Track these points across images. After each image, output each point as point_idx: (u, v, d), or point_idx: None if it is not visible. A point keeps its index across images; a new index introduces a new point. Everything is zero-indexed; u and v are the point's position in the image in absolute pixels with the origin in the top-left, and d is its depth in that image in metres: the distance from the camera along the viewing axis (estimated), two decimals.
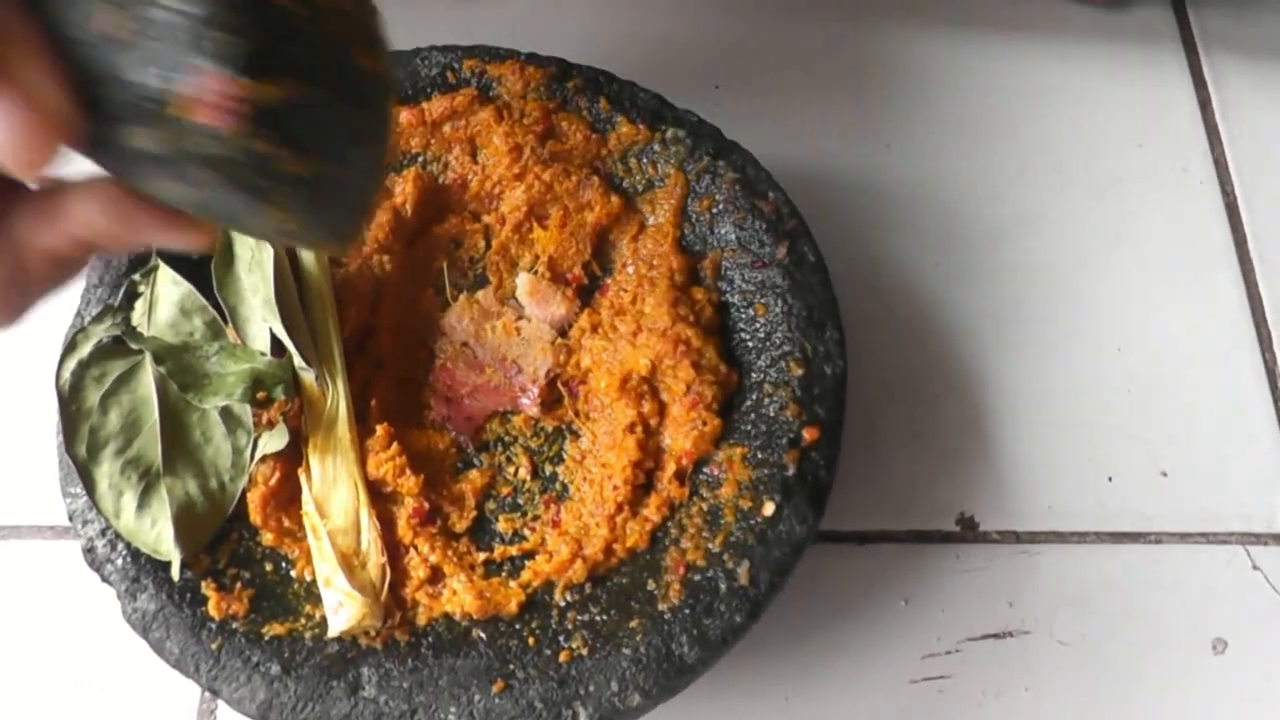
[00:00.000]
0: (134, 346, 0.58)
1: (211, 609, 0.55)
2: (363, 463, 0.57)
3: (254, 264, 0.60)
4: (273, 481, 0.57)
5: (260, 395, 0.56)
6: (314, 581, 0.56)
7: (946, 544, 0.64)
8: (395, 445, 0.57)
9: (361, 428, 0.58)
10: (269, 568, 0.57)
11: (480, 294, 0.63)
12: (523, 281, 0.63)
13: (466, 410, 0.61)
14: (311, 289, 0.60)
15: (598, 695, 0.52)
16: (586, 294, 0.63)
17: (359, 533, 0.56)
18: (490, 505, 0.59)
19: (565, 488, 0.59)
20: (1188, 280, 0.71)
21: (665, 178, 0.63)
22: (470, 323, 0.62)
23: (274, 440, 0.57)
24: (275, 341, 0.58)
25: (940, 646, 0.61)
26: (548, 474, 0.60)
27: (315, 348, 0.59)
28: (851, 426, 0.62)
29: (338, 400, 0.58)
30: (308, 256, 0.60)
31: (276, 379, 0.57)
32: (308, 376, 0.58)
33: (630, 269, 0.63)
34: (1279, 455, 0.66)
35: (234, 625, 0.55)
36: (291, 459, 0.58)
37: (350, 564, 0.55)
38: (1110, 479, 0.65)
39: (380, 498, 0.58)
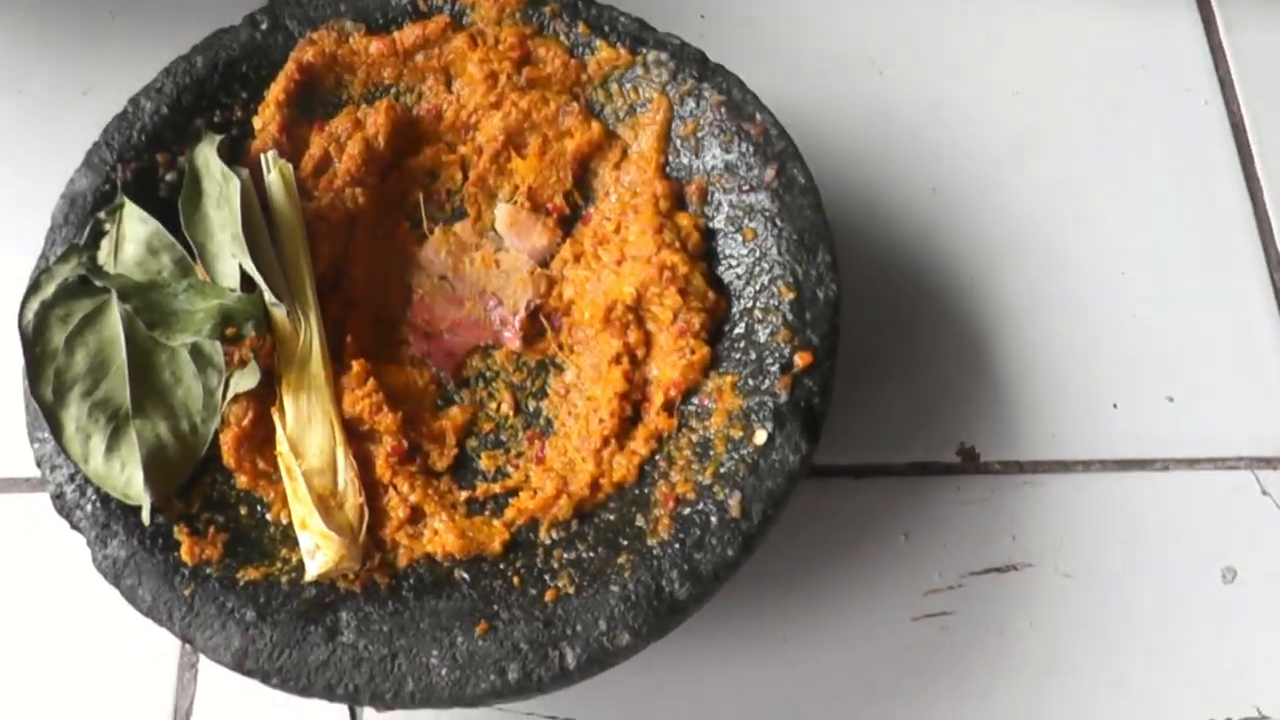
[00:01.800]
0: (99, 284, 0.55)
1: (184, 554, 0.52)
2: (338, 400, 0.55)
3: (222, 199, 0.57)
4: (246, 422, 0.54)
5: (230, 331, 0.54)
6: (290, 524, 0.53)
7: (947, 476, 0.61)
8: (371, 382, 0.55)
9: (336, 365, 0.56)
10: (243, 511, 0.54)
11: (458, 226, 0.60)
12: (502, 212, 0.60)
13: (446, 346, 0.58)
14: (282, 224, 0.57)
15: (585, 635, 0.50)
16: (568, 224, 0.60)
17: (335, 472, 0.54)
18: (472, 442, 0.57)
19: (549, 423, 0.57)
20: (1193, 201, 0.68)
21: (648, 102, 0.60)
22: (447, 256, 0.59)
23: (245, 379, 0.54)
24: (245, 278, 0.55)
25: (942, 582, 0.59)
26: (531, 409, 0.57)
27: (287, 282, 0.56)
28: (847, 357, 0.60)
29: (311, 336, 0.55)
30: (277, 191, 0.57)
31: (246, 314, 0.54)
32: (279, 312, 0.55)
33: (613, 197, 0.60)
34: None
35: (208, 571, 0.52)
36: (265, 399, 0.55)
37: (327, 505, 0.53)
38: (1115, 405, 0.62)
39: (357, 436, 0.55)
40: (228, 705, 0.57)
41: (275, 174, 0.57)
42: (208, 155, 0.58)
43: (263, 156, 0.58)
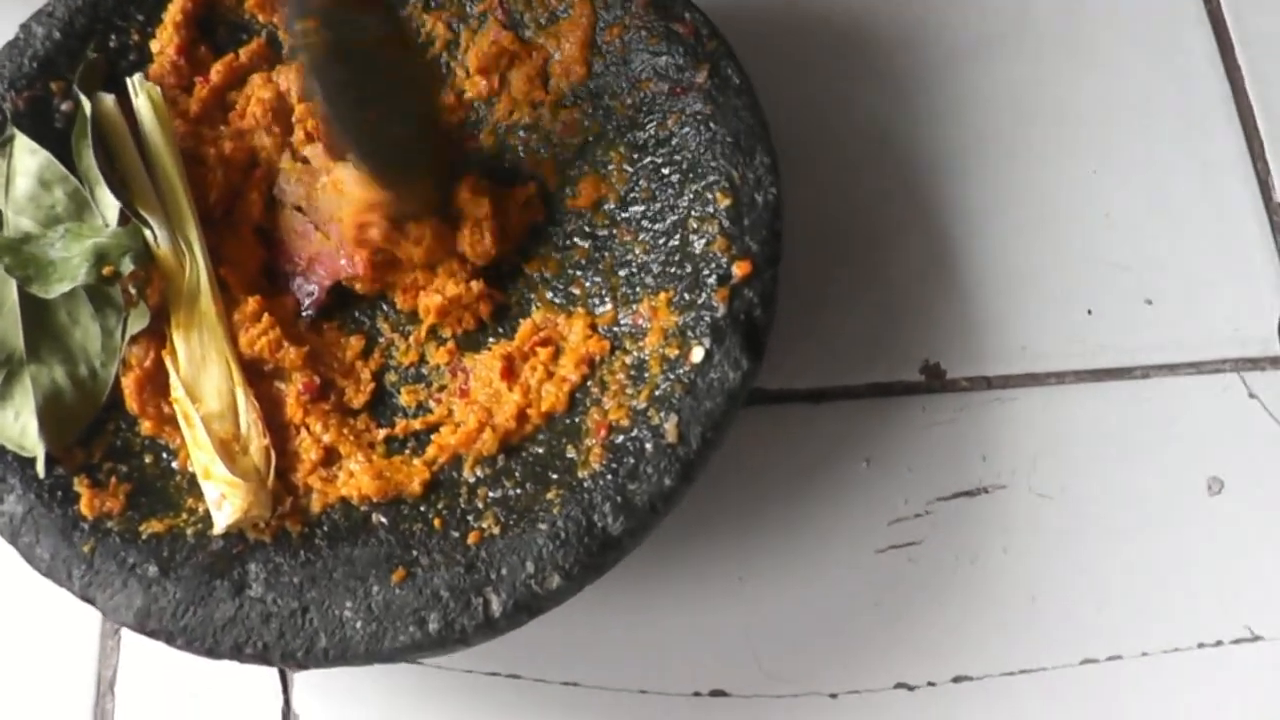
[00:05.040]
0: None
1: (84, 507, 0.47)
2: (233, 337, 0.49)
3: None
4: (148, 364, 0.49)
5: (107, 270, 0.48)
6: None
7: (911, 396, 0.55)
8: (267, 317, 0.49)
9: (230, 298, 0.50)
10: (149, 460, 0.49)
11: (308, 150, 0.53)
12: None
13: (309, 285, 0.52)
14: (154, 152, 0.51)
15: (511, 579, 0.44)
16: None
17: (236, 415, 0.48)
18: (391, 377, 0.51)
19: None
20: (1168, 92, 0.61)
21: (570, 7, 0.54)
22: (298, 184, 0.52)
23: (136, 319, 0.49)
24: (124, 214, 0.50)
25: (908, 510, 0.53)
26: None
27: (165, 214, 0.50)
28: (799, 273, 0.55)
29: (198, 271, 0.49)
30: (147, 117, 0.51)
31: (122, 249, 0.48)
32: (163, 247, 0.49)
33: None
34: (1275, 270, 0.57)
35: (109, 524, 0.47)
36: (165, 338, 0.49)
37: (230, 450, 0.47)
38: (1090, 312, 0.56)
39: (263, 376, 0.49)
40: (153, 673, 0.51)
41: (143, 99, 0.51)
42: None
43: (129, 81, 0.52)
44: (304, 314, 0.51)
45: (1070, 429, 0.54)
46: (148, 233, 0.49)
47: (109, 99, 0.51)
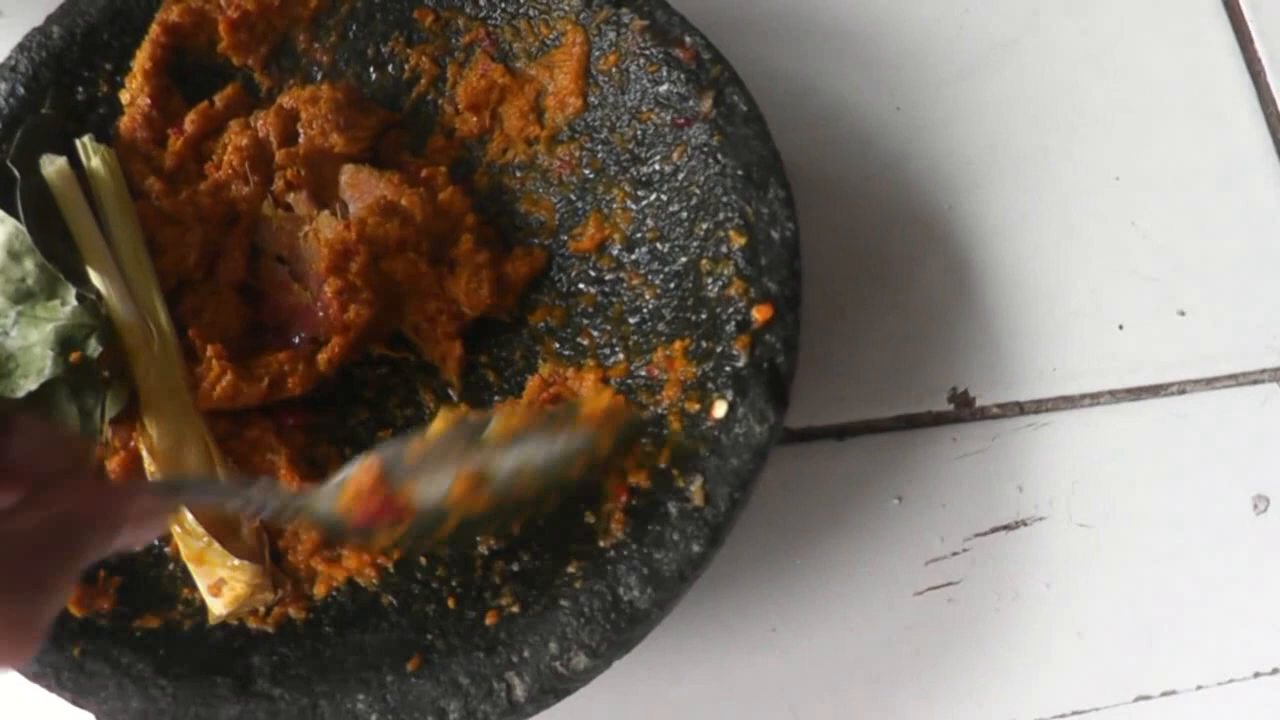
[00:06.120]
0: None
1: (72, 606, 0.43)
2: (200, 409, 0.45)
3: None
4: (132, 444, 0.45)
5: (74, 357, 0.43)
6: None
7: (940, 426, 0.51)
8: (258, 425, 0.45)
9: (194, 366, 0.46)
10: (138, 548, 0.44)
11: (291, 196, 0.49)
12: (345, 174, 0.49)
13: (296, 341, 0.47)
14: (112, 220, 0.47)
15: (535, 661, 0.40)
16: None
17: None
18: (385, 435, 0.47)
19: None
20: (1188, 93, 0.57)
21: (561, 35, 0.49)
22: (279, 233, 0.48)
23: (115, 400, 0.44)
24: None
25: (945, 548, 0.49)
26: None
27: (128, 285, 0.45)
28: (815, 303, 0.51)
29: (167, 345, 0.45)
30: (102, 182, 0.47)
31: (87, 329, 0.44)
32: (127, 321, 0.45)
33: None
34: None
35: (100, 623, 0.43)
36: None
37: (221, 532, 0.43)
38: (1121, 327, 0.52)
39: (258, 448, 0.45)
40: None
41: (97, 162, 0.47)
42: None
43: (78, 143, 0.47)
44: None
45: (1107, 452, 0.51)
46: (113, 307, 0.45)
47: (60, 162, 0.46)
